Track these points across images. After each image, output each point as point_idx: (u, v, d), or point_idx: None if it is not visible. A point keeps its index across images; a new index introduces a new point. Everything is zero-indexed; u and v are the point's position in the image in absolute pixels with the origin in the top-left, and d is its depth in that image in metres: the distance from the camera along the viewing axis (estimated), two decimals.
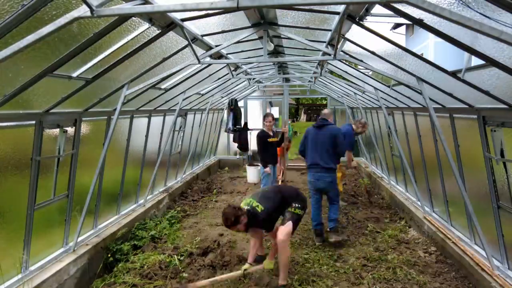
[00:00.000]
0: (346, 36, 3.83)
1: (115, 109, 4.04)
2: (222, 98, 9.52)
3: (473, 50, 2.53)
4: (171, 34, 3.38)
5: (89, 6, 1.95)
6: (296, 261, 4.44)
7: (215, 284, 3.82)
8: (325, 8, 3.27)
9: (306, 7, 3.25)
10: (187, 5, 2.01)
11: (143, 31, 3.07)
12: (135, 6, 2.31)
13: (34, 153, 3.34)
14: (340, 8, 3.07)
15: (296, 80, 10.03)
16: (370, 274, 4.06)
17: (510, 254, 3.52)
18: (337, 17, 3.37)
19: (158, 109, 6.00)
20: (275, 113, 13.04)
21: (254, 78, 8.20)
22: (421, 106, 4.97)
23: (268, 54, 4.54)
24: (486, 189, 3.68)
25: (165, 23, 3.11)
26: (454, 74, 3.13)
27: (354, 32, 3.61)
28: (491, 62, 2.49)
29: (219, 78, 6.56)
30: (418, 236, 5.26)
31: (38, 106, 3.24)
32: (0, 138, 3.02)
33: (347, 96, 8.91)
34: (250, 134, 10.74)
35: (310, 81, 9.36)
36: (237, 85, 8.68)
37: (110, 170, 4.86)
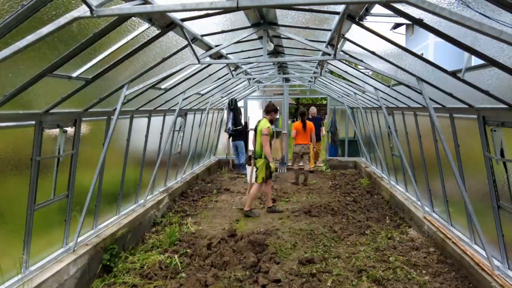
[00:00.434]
0: (346, 36, 3.83)
1: (115, 109, 4.04)
2: (222, 98, 9.52)
3: (473, 50, 2.53)
4: (171, 34, 3.38)
5: (88, 6, 1.96)
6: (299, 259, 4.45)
7: None
8: (325, 8, 3.28)
9: (306, 7, 3.26)
10: (187, 5, 2.01)
11: (143, 31, 3.07)
12: (135, 6, 2.31)
13: (34, 153, 3.33)
14: (340, 8, 3.07)
15: (296, 80, 10.04)
16: (370, 274, 4.06)
17: (510, 254, 3.52)
18: (337, 17, 3.37)
19: (158, 109, 6.00)
20: None
21: (254, 78, 8.20)
22: (421, 106, 4.97)
23: (268, 54, 4.54)
24: (486, 189, 3.68)
25: (165, 23, 3.11)
26: (454, 74, 3.13)
27: (354, 32, 3.61)
28: (491, 62, 2.49)
29: (219, 78, 6.56)
30: (418, 236, 5.26)
31: (38, 106, 3.24)
32: (0, 138, 3.02)
33: (347, 96, 8.91)
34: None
35: (310, 81, 9.36)
36: (237, 85, 8.68)
37: (110, 170, 4.86)
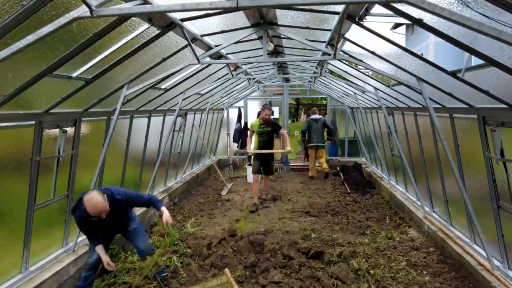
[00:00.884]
0: (346, 36, 3.83)
1: (115, 109, 4.04)
2: (222, 98, 9.52)
3: (473, 50, 2.53)
4: (171, 34, 3.38)
5: (88, 6, 1.95)
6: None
7: None
8: (324, 8, 3.28)
9: (306, 7, 3.25)
10: (187, 5, 2.01)
11: (143, 31, 3.07)
12: (135, 6, 2.31)
13: (34, 153, 3.34)
14: (339, 8, 3.07)
15: (296, 80, 10.03)
16: (370, 274, 4.06)
17: (510, 254, 3.52)
18: (336, 17, 3.37)
19: (158, 109, 6.00)
20: (275, 113, 13.03)
21: (254, 78, 8.20)
22: (421, 106, 4.97)
23: (268, 54, 4.54)
24: (486, 189, 3.68)
25: (164, 23, 3.11)
26: (454, 74, 3.13)
27: (354, 32, 3.61)
28: (491, 62, 2.49)
29: (219, 78, 6.56)
30: (418, 236, 5.26)
31: (38, 106, 3.24)
32: (0, 138, 3.02)
33: (347, 96, 8.90)
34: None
35: (310, 81, 9.36)
36: (237, 85, 8.68)
37: (110, 170, 4.86)
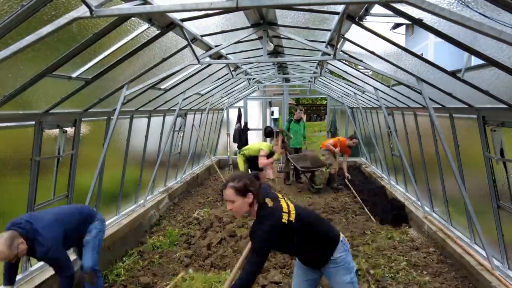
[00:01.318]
0: (346, 36, 3.83)
1: (115, 109, 4.04)
2: (222, 98, 9.53)
3: (472, 50, 2.52)
4: (171, 34, 3.38)
5: (88, 6, 1.95)
6: None
7: None
8: (324, 8, 3.27)
9: (306, 7, 3.25)
10: (187, 5, 2.01)
11: (143, 31, 3.07)
12: (135, 6, 2.30)
13: (33, 153, 3.33)
14: (339, 8, 3.07)
15: (296, 80, 10.03)
16: (370, 274, 4.06)
17: (510, 254, 3.52)
18: (336, 17, 3.37)
19: (158, 109, 6.00)
20: (275, 113, 13.03)
21: (254, 78, 8.20)
22: (421, 106, 4.96)
23: (267, 54, 4.54)
24: (486, 189, 3.68)
25: (164, 23, 3.11)
26: (453, 74, 3.13)
27: (354, 32, 3.61)
28: (491, 62, 2.49)
29: (219, 78, 6.56)
30: (418, 236, 5.25)
31: (37, 107, 3.24)
32: (0, 138, 3.02)
33: (347, 96, 8.90)
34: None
35: (310, 81, 9.36)
36: (237, 85, 8.68)
37: (110, 170, 4.86)
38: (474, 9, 2.04)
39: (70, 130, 3.86)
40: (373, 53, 3.98)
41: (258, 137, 11.33)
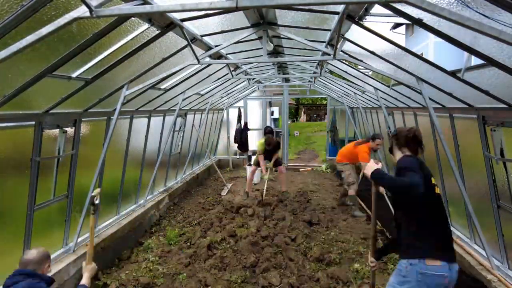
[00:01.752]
0: (346, 36, 3.83)
1: (115, 109, 4.04)
2: (222, 98, 9.52)
3: (472, 49, 2.52)
4: (171, 34, 3.38)
5: (88, 6, 1.95)
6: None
7: None
8: (324, 8, 3.27)
9: (306, 7, 3.25)
10: (187, 5, 2.01)
11: (143, 32, 3.07)
12: (135, 6, 2.30)
13: (33, 153, 3.33)
14: (339, 8, 3.07)
15: (296, 80, 10.03)
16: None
17: (510, 254, 3.52)
18: (336, 17, 3.37)
19: (158, 109, 6.00)
20: (275, 113, 13.02)
21: (253, 78, 8.20)
22: (421, 106, 4.96)
23: (267, 54, 4.54)
24: (486, 189, 3.68)
25: (164, 23, 3.11)
26: (453, 74, 3.13)
27: (354, 32, 3.61)
28: (491, 61, 2.49)
29: (219, 78, 6.56)
30: None
31: (37, 107, 3.24)
32: (0, 139, 3.02)
33: (347, 96, 8.90)
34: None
35: (310, 81, 9.35)
36: (236, 85, 8.68)
37: (110, 170, 4.86)
38: (474, 9, 2.04)
39: (70, 130, 3.86)
40: (373, 53, 3.98)
41: (258, 137, 11.32)
